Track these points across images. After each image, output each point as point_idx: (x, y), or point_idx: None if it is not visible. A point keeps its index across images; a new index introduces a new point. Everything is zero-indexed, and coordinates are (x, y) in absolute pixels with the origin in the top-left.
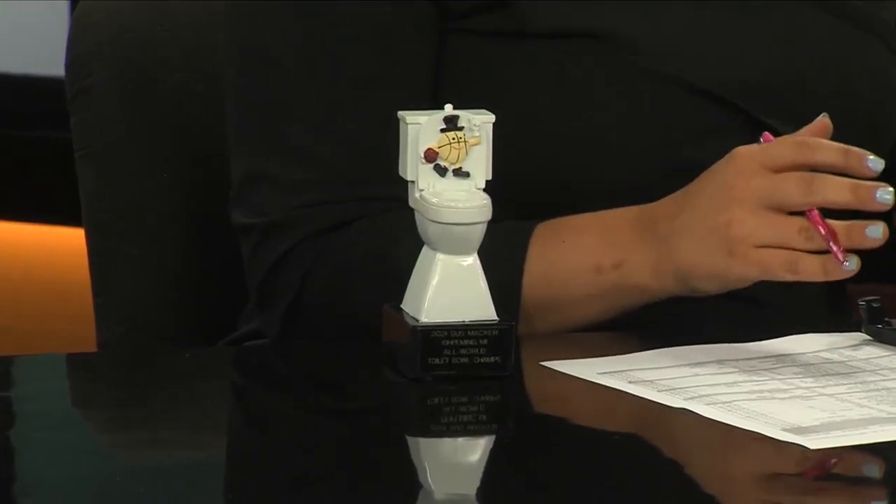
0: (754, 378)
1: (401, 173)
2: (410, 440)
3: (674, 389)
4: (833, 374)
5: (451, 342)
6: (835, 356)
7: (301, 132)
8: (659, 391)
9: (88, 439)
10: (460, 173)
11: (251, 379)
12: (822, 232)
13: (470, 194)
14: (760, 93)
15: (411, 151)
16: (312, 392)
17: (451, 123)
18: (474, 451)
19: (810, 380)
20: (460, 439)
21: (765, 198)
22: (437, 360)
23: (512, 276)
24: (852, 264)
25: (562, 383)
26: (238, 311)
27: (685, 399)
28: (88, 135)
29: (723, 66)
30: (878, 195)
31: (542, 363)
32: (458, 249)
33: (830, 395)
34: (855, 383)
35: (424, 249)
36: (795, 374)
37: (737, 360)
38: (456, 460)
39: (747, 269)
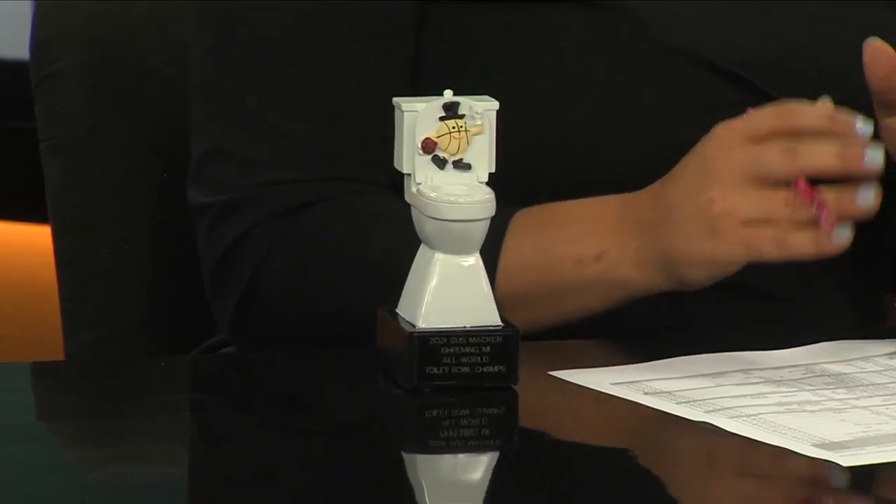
0: (782, 389)
1: (396, 165)
2: (407, 457)
3: (694, 401)
4: (867, 385)
5: (451, 350)
6: (869, 365)
7: (271, 108)
8: (678, 403)
9: (55, 454)
10: (461, 165)
11: (232, 389)
12: (811, 200)
13: (471, 188)
14: (772, 67)
15: (407, 141)
16: (299, 404)
17: (450, 111)
18: (476, 468)
19: (843, 391)
20: (461, 456)
21: (747, 170)
22: (435, 370)
23: (486, 266)
24: (844, 233)
25: (572, 395)
26: None
27: (706, 412)
28: (54, 125)
29: (728, 38)
30: (867, 156)
31: (550, 372)
32: (459, 248)
33: (864, 408)
34: (891, 394)
35: (422, 248)
36: (826, 384)
37: (762, 369)
38: (456, 478)
39: (733, 249)
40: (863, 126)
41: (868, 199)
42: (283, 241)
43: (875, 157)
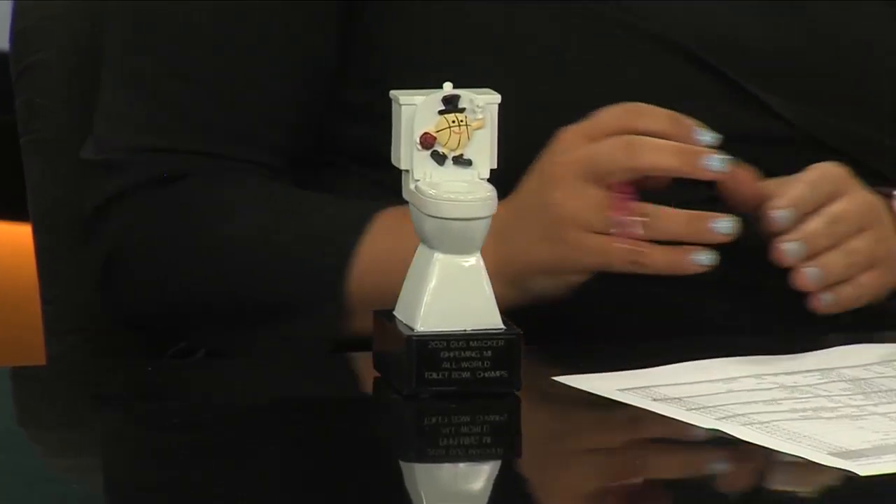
0: (796, 395)
1: (394, 161)
2: (404, 465)
3: (704, 408)
4: (886, 391)
5: (451, 354)
6: (888, 370)
7: (165, 76)
8: (687, 410)
9: (36, 463)
10: (461, 161)
11: (224, 395)
12: (622, 208)
13: (472, 185)
14: (750, 59)
15: (405, 136)
16: (292, 410)
17: (450, 104)
18: (477, 478)
19: (860, 397)
20: (461, 465)
21: (583, 169)
22: (434, 375)
23: (338, 262)
24: (705, 259)
25: (576, 401)
26: None
27: (717, 419)
28: (36, 118)
29: (728, 37)
30: (706, 161)
31: (554, 378)
32: (459, 248)
33: (883, 415)
34: None
35: (421, 248)
36: (843, 390)
37: (776, 374)
38: (456, 488)
39: (580, 256)
40: (702, 133)
41: (725, 227)
42: (150, 211)
43: (715, 162)
